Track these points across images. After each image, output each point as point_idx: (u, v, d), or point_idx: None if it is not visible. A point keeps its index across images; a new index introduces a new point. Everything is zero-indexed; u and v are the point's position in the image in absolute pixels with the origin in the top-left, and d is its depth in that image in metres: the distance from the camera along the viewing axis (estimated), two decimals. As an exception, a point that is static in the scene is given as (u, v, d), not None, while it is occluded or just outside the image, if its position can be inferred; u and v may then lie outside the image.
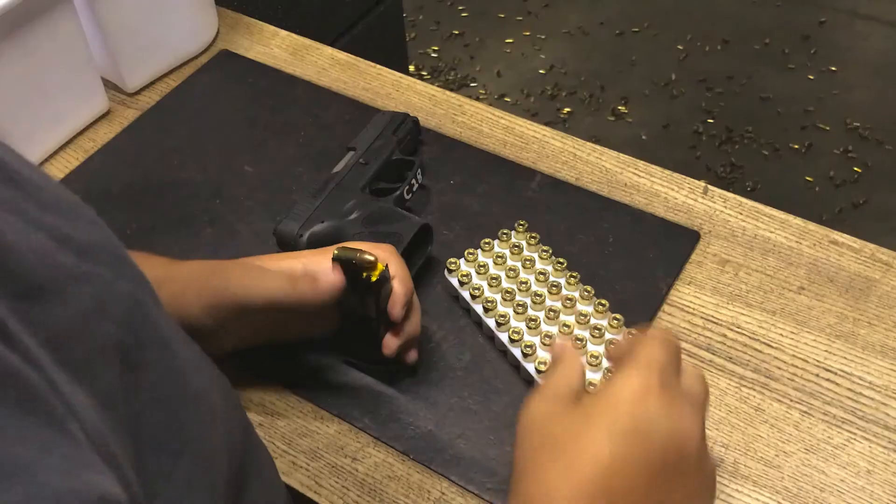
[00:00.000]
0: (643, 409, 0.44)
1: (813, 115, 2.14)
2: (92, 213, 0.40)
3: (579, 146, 0.81)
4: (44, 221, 0.34)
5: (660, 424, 0.44)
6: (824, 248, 0.71)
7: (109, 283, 0.36)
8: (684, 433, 0.45)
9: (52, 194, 0.37)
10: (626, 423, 0.44)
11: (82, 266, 0.35)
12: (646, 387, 0.45)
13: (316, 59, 0.92)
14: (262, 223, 0.76)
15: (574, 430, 0.45)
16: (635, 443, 0.44)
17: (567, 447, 0.45)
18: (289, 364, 0.66)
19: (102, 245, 0.38)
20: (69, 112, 0.85)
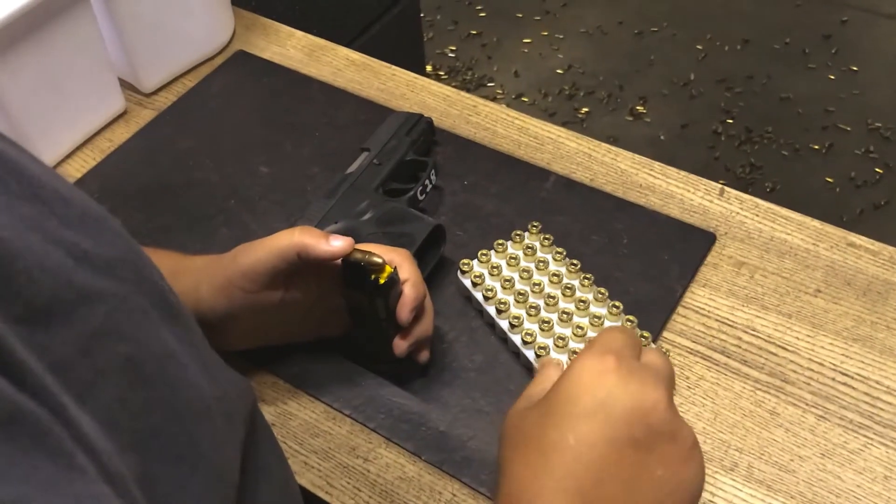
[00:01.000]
0: (601, 387, 0.44)
1: (834, 115, 2.12)
2: (116, 225, 0.40)
3: (594, 147, 0.80)
4: (63, 238, 0.34)
5: (619, 399, 0.44)
6: (842, 250, 0.71)
7: (125, 299, 0.36)
8: (647, 404, 0.45)
9: (78, 207, 0.37)
10: (585, 405, 0.44)
11: (98, 283, 0.35)
12: (601, 367, 0.45)
13: (331, 60, 0.92)
14: (277, 223, 0.76)
15: (540, 423, 0.46)
16: (597, 422, 0.44)
17: (534, 442, 0.45)
18: (301, 364, 0.66)
19: (123, 259, 0.38)
20: (86, 112, 0.86)
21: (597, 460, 0.44)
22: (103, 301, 0.34)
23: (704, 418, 0.61)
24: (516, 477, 0.45)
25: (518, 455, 0.46)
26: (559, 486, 0.44)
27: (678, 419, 0.46)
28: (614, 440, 0.44)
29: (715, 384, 0.63)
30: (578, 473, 0.44)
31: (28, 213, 0.34)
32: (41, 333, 0.30)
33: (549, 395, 0.47)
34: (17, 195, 0.34)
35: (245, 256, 0.59)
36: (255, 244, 0.60)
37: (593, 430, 0.44)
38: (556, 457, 0.44)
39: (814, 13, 2.39)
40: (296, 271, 0.59)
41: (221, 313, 0.59)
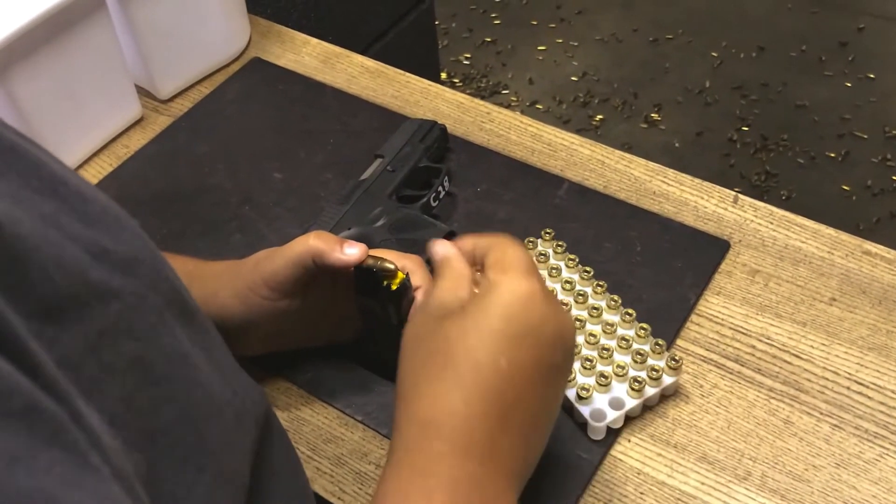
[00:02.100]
0: (532, 312, 0.45)
1: (850, 122, 2.11)
2: (135, 226, 0.40)
3: (608, 154, 0.80)
4: (82, 235, 0.35)
5: (548, 324, 0.46)
6: (857, 258, 0.70)
7: (140, 297, 0.36)
8: (567, 329, 0.47)
9: (98, 206, 0.38)
10: (517, 329, 0.45)
11: (114, 281, 0.35)
12: (532, 291, 0.46)
13: (346, 67, 0.93)
14: (291, 229, 0.76)
15: (465, 342, 0.45)
16: (528, 346, 0.45)
17: (461, 360, 0.44)
18: (314, 370, 0.67)
19: (140, 258, 0.38)
20: (103, 119, 0.87)
21: (523, 384, 0.45)
22: (118, 299, 0.35)
23: (718, 427, 0.61)
24: (436, 398, 0.44)
25: (436, 372, 0.45)
26: (486, 410, 0.44)
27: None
28: (541, 364, 0.45)
29: (728, 392, 0.63)
30: (506, 397, 0.44)
31: (47, 209, 0.34)
32: (53, 328, 0.31)
33: (473, 311, 0.46)
34: (37, 191, 0.35)
35: (266, 265, 0.59)
36: (275, 252, 0.60)
37: (525, 354, 0.45)
38: (483, 380, 0.44)
39: (830, 20, 2.38)
40: (312, 277, 0.59)
41: (239, 319, 0.59)
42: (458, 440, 0.43)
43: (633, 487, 0.58)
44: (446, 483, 0.42)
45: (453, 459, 0.43)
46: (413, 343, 0.48)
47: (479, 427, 0.44)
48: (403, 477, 0.43)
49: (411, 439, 0.44)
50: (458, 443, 0.43)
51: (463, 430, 0.43)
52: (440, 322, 0.47)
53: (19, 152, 0.36)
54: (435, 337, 0.47)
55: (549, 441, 0.60)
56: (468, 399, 0.44)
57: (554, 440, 0.60)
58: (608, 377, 0.61)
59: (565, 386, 0.49)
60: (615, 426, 0.60)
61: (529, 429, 0.47)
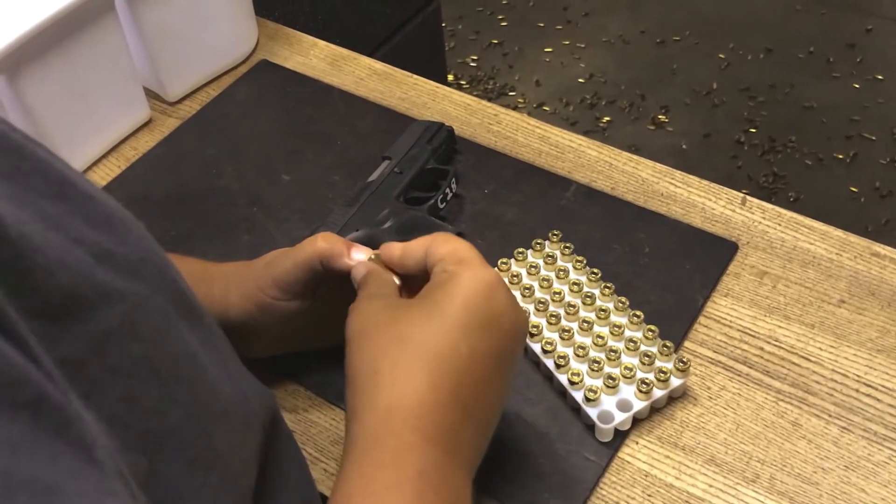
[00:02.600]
0: (494, 302, 0.46)
1: (858, 124, 2.11)
2: (141, 228, 0.40)
3: (615, 156, 0.80)
4: (86, 237, 0.35)
5: (508, 315, 0.47)
6: (866, 260, 0.70)
7: (146, 299, 0.36)
8: (523, 320, 0.48)
9: (104, 208, 0.38)
10: (481, 318, 0.45)
11: (119, 283, 0.35)
12: (493, 280, 0.47)
13: (353, 69, 0.93)
14: (299, 231, 0.76)
15: (428, 329, 0.45)
16: (490, 336, 0.46)
17: (424, 347, 0.44)
18: (322, 372, 0.67)
19: (146, 260, 0.38)
20: (112, 121, 0.87)
21: (484, 373, 0.45)
22: (123, 300, 0.35)
23: (726, 429, 0.61)
24: (399, 384, 0.44)
25: (398, 359, 0.44)
26: (451, 398, 0.44)
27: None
28: (500, 353, 0.46)
29: (737, 395, 0.63)
30: (468, 385, 0.44)
31: (52, 211, 0.34)
32: (56, 329, 0.31)
33: (435, 299, 0.46)
34: (43, 193, 0.35)
35: (275, 266, 0.59)
36: (284, 254, 0.60)
37: (486, 344, 0.45)
38: (447, 368, 0.44)
39: (838, 22, 2.37)
40: (321, 279, 0.59)
41: (248, 320, 0.59)
42: (426, 429, 0.43)
43: (641, 490, 0.58)
44: (414, 475, 0.41)
45: (421, 448, 0.42)
46: (365, 331, 0.47)
47: (446, 415, 0.43)
48: (367, 472, 0.42)
49: (374, 428, 0.43)
50: (426, 431, 0.43)
51: (431, 418, 0.43)
52: (394, 311, 0.47)
53: (25, 154, 0.36)
54: (391, 326, 0.46)
55: (556, 442, 0.60)
56: (435, 385, 0.43)
57: (562, 442, 0.60)
58: (616, 379, 0.61)
59: (509, 388, 0.50)
60: (623, 428, 0.60)
61: (487, 417, 0.47)
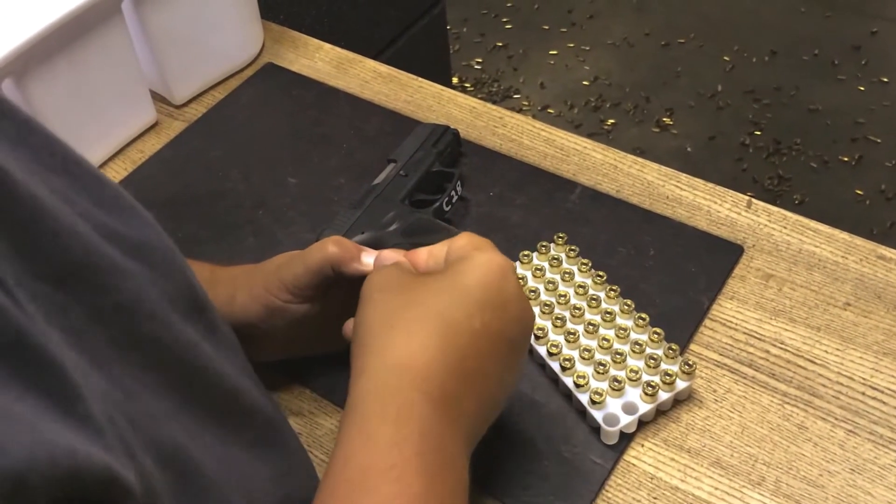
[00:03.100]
0: (507, 286, 0.48)
1: (863, 126, 2.10)
2: (149, 217, 0.40)
3: (620, 158, 0.80)
4: (93, 214, 0.34)
5: (519, 303, 0.48)
6: (871, 263, 0.70)
7: (152, 282, 0.36)
8: (529, 315, 0.49)
9: (110, 190, 0.38)
10: (494, 298, 0.47)
11: (127, 263, 0.35)
12: (507, 266, 0.49)
13: (359, 72, 0.93)
14: (304, 233, 0.76)
15: (443, 298, 0.46)
16: (501, 317, 0.47)
17: (438, 315, 0.46)
18: (329, 374, 0.67)
19: (154, 246, 0.38)
20: (118, 123, 0.87)
21: (492, 351, 0.46)
22: (133, 278, 0.34)
23: (731, 432, 0.61)
24: (411, 345, 0.44)
25: (411, 322, 0.45)
26: (458, 367, 0.44)
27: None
28: (506, 337, 0.47)
29: (742, 397, 0.63)
30: (474, 358, 0.45)
31: (59, 185, 0.34)
32: (61, 295, 0.30)
33: (452, 272, 0.48)
34: (50, 168, 0.34)
35: (286, 270, 0.59)
36: (295, 258, 0.60)
37: (494, 323, 0.46)
38: (458, 338, 0.45)
39: (843, 24, 2.37)
40: (331, 283, 0.59)
41: (257, 322, 0.60)
42: (432, 391, 0.43)
43: (647, 492, 0.58)
44: (417, 435, 0.42)
45: (424, 409, 0.43)
46: (380, 292, 0.48)
47: (452, 382, 0.44)
48: (370, 428, 0.42)
49: (381, 384, 0.44)
50: (432, 393, 0.43)
51: (437, 381, 0.44)
52: (414, 278, 0.49)
53: (33, 128, 0.36)
54: (409, 290, 0.48)
55: (561, 445, 0.60)
56: (445, 351, 0.44)
57: (567, 444, 0.60)
58: (621, 382, 0.61)
59: (521, 372, 0.51)
60: (628, 431, 0.60)
61: (489, 395, 0.48)
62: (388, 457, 0.40)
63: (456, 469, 0.43)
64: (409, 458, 0.40)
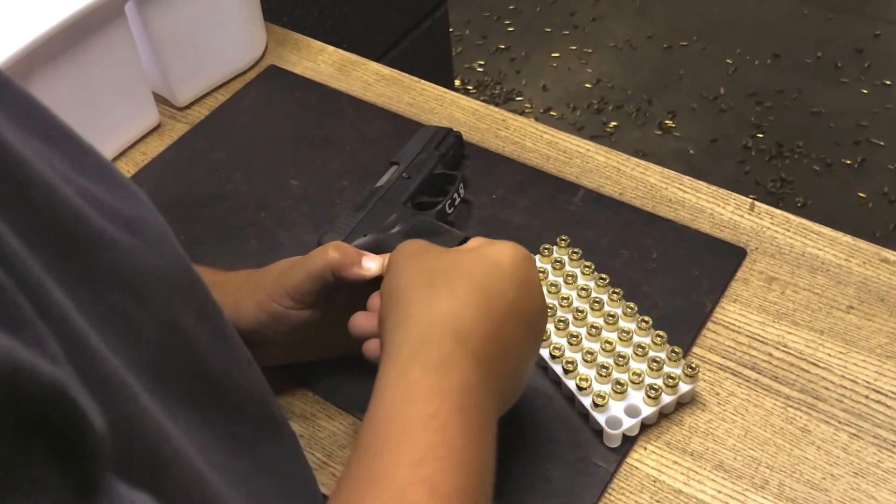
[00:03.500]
0: (532, 273, 0.50)
1: (866, 129, 2.10)
2: (141, 194, 0.38)
3: (623, 161, 0.80)
4: (74, 180, 0.33)
5: (540, 290, 0.51)
6: (875, 266, 0.70)
7: (140, 254, 0.34)
8: (545, 309, 0.52)
9: (94, 160, 0.36)
10: (522, 278, 0.49)
11: (112, 232, 0.33)
12: (530, 256, 0.51)
13: (361, 75, 0.93)
14: (307, 235, 0.76)
15: (479, 268, 0.48)
16: (527, 297, 0.49)
17: (474, 281, 0.47)
18: (331, 376, 0.67)
19: (145, 221, 0.36)
20: (121, 126, 0.87)
21: (518, 326, 0.48)
22: (117, 247, 0.32)
23: (734, 435, 0.61)
24: (452, 302, 0.46)
25: (448, 283, 0.47)
26: (491, 330, 0.46)
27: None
28: (530, 318, 0.49)
29: (745, 401, 0.62)
30: (507, 326, 0.47)
31: (39, 148, 0.32)
32: (51, 256, 0.29)
33: (485, 249, 0.50)
34: (30, 130, 0.33)
35: (287, 277, 0.59)
36: (296, 264, 0.60)
37: (524, 301, 0.49)
38: (495, 305, 0.47)
39: (846, 27, 2.37)
40: (333, 289, 0.59)
41: (261, 328, 0.59)
42: (473, 349, 0.44)
43: (649, 496, 0.58)
44: (458, 390, 0.42)
45: (466, 365, 0.43)
46: (413, 258, 0.50)
47: (490, 345, 0.45)
48: (411, 378, 0.42)
49: (423, 335, 0.44)
50: (474, 351, 0.44)
51: (477, 340, 0.45)
52: (446, 249, 0.50)
53: (13, 89, 0.34)
54: (444, 258, 0.49)
55: (564, 448, 0.60)
56: (486, 314, 0.46)
57: (570, 447, 0.60)
58: (624, 385, 0.60)
59: (534, 362, 0.52)
60: (631, 434, 0.60)
61: (515, 372, 0.49)
62: (429, 406, 0.41)
63: (490, 431, 0.43)
64: (450, 410, 0.41)
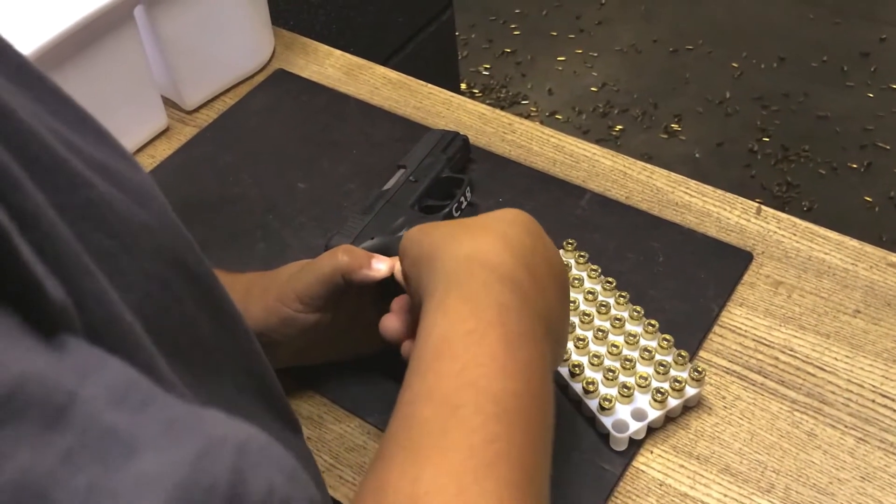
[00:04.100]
0: (539, 227, 0.51)
1: (872, 133, 2.10)
2: (139, 165, 0.37)
3: (629, 165, 0.80)
4: (52, 126, 0.32)
5: (551, 242, 0.51)
6: (881, 270, 0.70)
7: (123, 204, 0.33)
8: (562, 261, 0.52)
9: (76, 111, 0.35)
10: (535, 229, 0.50)
11: (91, 177, 0.31)
12: (539, 226, 0.51)
13: (368, 79, 0.94)
14: (314, 239, 0.77)
15: (502, 221, 0.49)
16: (544, 245, 0.49)
17: (499, 230, 0.48)
18: (338, 379, 0.67)
19: (132, 179, 0.34)
20: (130, 129, 0.88)
21: (541, 265, 0.48)
22: (92, 189, 0.31)
23: (741, 439, 0.61)
24: (479, 244, 0.47)
25: (474, 232, 0.48)
26: (523, 263, 0.47)
27: None
28: (555, 272, 0.49)
29: (751, 404, 0.63)
30: (534, 266, 0.47)
31: (13, 90, 0.31)
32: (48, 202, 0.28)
33: (504, 210, 0.51)
34: (14, 82, 0.32)
35: (296, 280, 0.59)
36: (305, 268, 0.60)
37: (540, 248, 0.49)
38: (519, 248, 0.47)
39: (852, 31, 2.37)
40: (342, 292, 0.60)
41: (269, 331, 0.60)
42: (503, 272, 0.45)
43: (656, 499, 0.58)
44: (496, 307, 0.43)
45: (501, 289, 0.44)
46: (423, 229, 0.50)
47: (519, 270, 0.46)
48: (450, 302, 0.43)
49: (455, 271, 0.45)
50: (503, 274, 0.45)
51: (507, 265, 0.46)
52: (450, 221, 0.52)
53: (30, 68, 0.34)
54: (452, 222, 0.50)
55: (570, 451, 0.60)
56: (511, 251, 0.47)
57: (576, 451, 0.61)
58: (631, 388, 0.61)
59: (567, 320, 0.51)
60: (637, 437, 0.60)
61: (550, 312, 0.48)
62: (467, 323, 0.42)
63: (537, 345, 0.44)
64: (488, 324, 0.42)
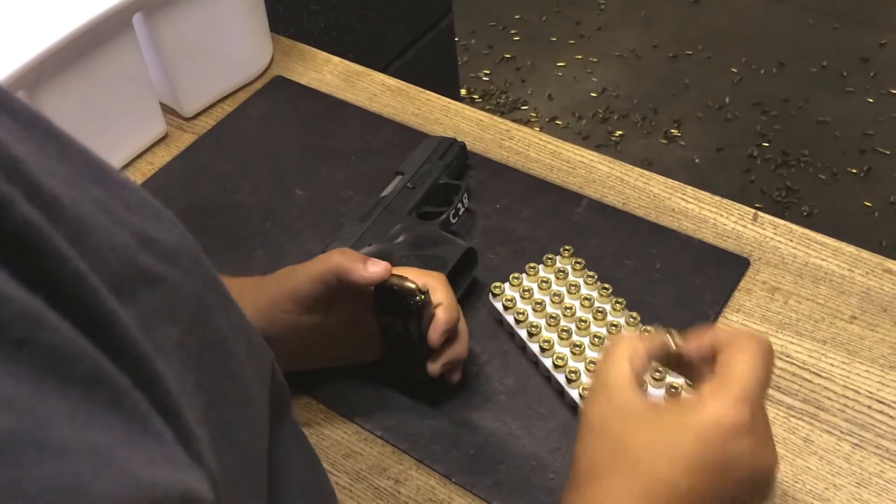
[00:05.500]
0: (730, 446, 0.43)
1: (872, 138, 2.10)
2: (173, 216, 0.40)
3: (627, 171, 0.81)
4: (129, 221, 0.35)
5: (746, 463, 0.44)
6: (878, 276, 0.70)
7: (181, 285, 0.37)
8: (766, 470, 0.45)
9: (137, 195, 0.38)
10: (708, 458, 0.43)
11: (159, 268, 0.35)
12: (738, 423, 0.43)
13: (367, 85, 0.94)
14: (312, 245, 0.77)
15: (654, 450, 0.44)
16: (717, 478, 0.43)
17: (644, 467, 0.43)
18: (335, 385, 0.67)
19: (181, 247, 0.39)
20: (129, 136, 0.88)
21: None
22: (162, 284, 0.35)
23: (737, 445, 0.61)
24: (610, 493, 0.44)
25: (616, 469, 0.44)
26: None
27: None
28: (723, 496, 0.44)
29: (748, 410, 0.63)
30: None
31: (96, 195, 0.35)
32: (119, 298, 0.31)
33: (669, 424, 0.45)
34: (86, 178, 0.35)
35: (289, 280, 0.60)
36: (298, 268, 0.60)
37: (711, 486, 0.43)
38: (660, 496, 0.43)
39: (851, 36, 2.37)
40: (336, 294, 0.60)
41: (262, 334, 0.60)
42: None
43: (652, 505, 0.58)
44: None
45: None
46: (598, 429, 0.46)
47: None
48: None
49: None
50: None
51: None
52: (628, 411, 0.46)
53: (67, 142, 0.37)
54: (625, 435, 0.45)
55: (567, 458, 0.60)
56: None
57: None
58: (627, 394, 0.61)
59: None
60: (634, 443, 0.60)
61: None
62: None
63: None
64: None
